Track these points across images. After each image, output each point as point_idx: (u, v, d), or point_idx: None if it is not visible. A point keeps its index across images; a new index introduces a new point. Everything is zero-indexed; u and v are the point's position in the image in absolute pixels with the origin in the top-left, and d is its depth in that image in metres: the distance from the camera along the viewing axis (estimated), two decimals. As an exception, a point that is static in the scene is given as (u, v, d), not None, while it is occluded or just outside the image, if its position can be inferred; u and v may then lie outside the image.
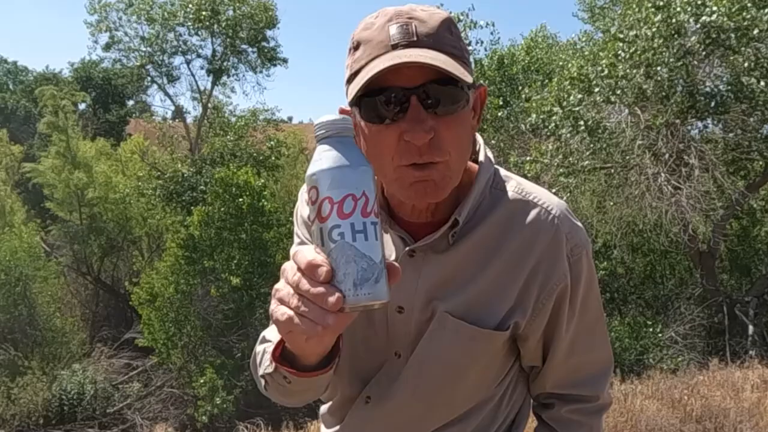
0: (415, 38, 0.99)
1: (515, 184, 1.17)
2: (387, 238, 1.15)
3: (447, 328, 1.13)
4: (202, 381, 13.30)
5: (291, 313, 0.82)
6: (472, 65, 1.13)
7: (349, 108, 1.06)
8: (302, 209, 1.29)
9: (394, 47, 0.98)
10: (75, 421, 13.98)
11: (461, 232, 1.12)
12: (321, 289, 0.79)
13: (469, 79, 1.00)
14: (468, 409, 1.23)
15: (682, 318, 12.16)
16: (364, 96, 1.00)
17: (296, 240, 1.34)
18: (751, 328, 11.84)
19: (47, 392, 14.07)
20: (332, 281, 0.80)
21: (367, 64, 0.99)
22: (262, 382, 1.13)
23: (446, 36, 1.01)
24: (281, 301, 0.84)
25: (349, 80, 1.03)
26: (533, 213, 1.13)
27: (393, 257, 1.15)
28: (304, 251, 0.81)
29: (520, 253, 1.12)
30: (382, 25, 1.00)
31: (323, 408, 1.36)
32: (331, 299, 0.78)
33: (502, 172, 1.19)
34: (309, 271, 0.80)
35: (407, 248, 1.14)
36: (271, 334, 1.15)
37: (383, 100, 0.98)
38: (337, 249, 0.79)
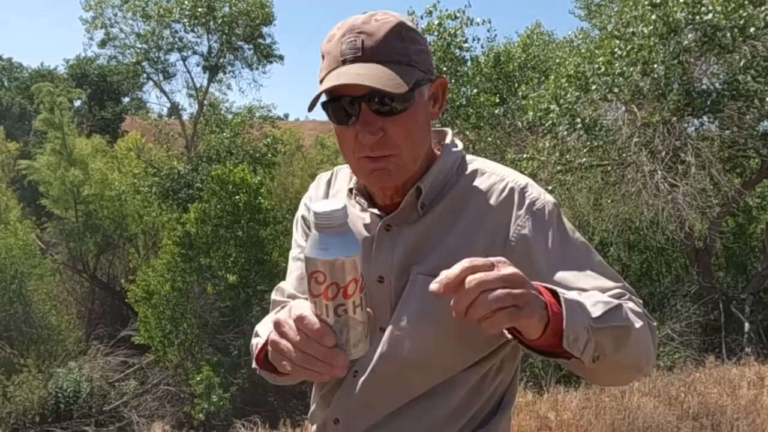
0: (360, 54, 1.15)
1: (479, 163, 1.31)
2: (366, 217, 1.30)
3: (418, 287, 1.22)
4: (198, 379, 13.29)
5: (297, 365, 0.99)
6: (431, 58, 1.24)
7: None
8: (302, 215, 1.44)
9: (343, 62, 1.15)
10: (71, 419, 13.96)
11: (430, 205, 1.25)
12: (330, 352, 0.96)
13: (402, 87, 1.12)
14: (448, 379, 1.25)
15: (678, 315, 12.17)
16: (329, 101, 1.17)
17: (295, 248, 1.43)
18: (747, 326, 11.86)
19: (43, 390, 14.04)
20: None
21: (327, 74, 1.16)
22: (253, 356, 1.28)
23: (394, 44, 1.16)
24: (282, 354, 1.00)
25: (320, 81, 1.19)
26: (492, 179, 1.27)
27: (370, 234, 1.28)
28: (307, 316, 0.96)
29: (481, 211, 1.24)
30: (338, 39, 1.17)
31: (314, 391, 1.41)
32: (340, 360, 0.96)
33: (469, 157, 1.33)
34: (317, 336, 0.96)
35: (382, 222, 1.27)
36: (264, 329, 1.26)
37: (341, 106, 1.16)
38: (341, 321, 0.96)
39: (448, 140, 1.32)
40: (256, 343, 1.26)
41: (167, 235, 15.35)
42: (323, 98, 1.18)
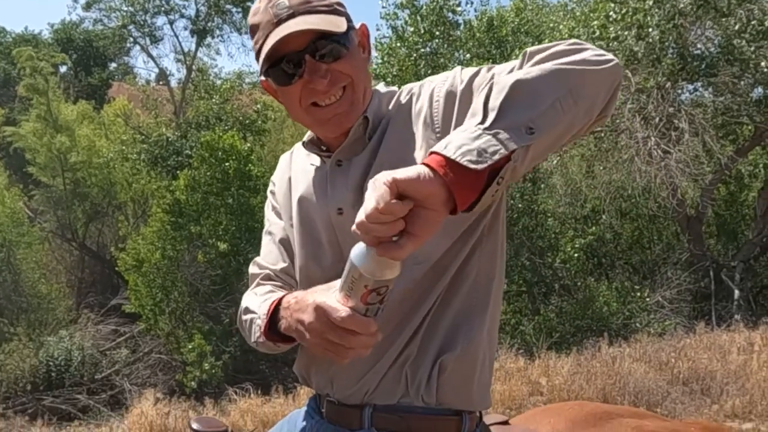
0: (291, 11, 1.22)
1: (405, 86, 1.37)
2: (318, 162, 1.37)
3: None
4: (190, 347, 13.28)
5: (330, 345, 1.09)
6: (346, 10, 1.31)
7: (264, 79, 1.30)
8: (271, 190, 1.52)
9: (278, 23, 1.22)
10: (63, 387, 13.97)
11: (371, 134, 1.30)
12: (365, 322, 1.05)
13: (342, 27, 1.22)
14: (431, 268, 1.24)
15: (669, 283, 12.22)
16: (270, 68, 1.25)
17: (267, 224, 1.50)
18: (737, 293, 11.92)
19: (34, 359, 14.03)
20: None
21: (264, 43, 1.23)
22: (253, 344, 1.35)
23: None
24: (314, 334, 1.12)
25: (257, 58, 1.28)
26: (408, 88, 1.34)
27: (323, 174, 1.34)
28: (346, 313, 1.05)
29: (408, 114, 1.29)
30: (266, 7, 1.24)
31: None
32: (373, 327, 1.06)
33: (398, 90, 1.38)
34: (362, 328, 1.05)
35: (332, 157, 1.32)
36: (254, 303, 1.34)
37: (284, 65, 1.23)
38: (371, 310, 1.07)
39: (375, 85, 1.39)
40: (250, 318, 1.34)
41: (157, 203, 15.21)
42: (262, 67, 1.26)
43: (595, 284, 12.56)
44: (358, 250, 1.01)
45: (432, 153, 0.98)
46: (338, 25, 1.23)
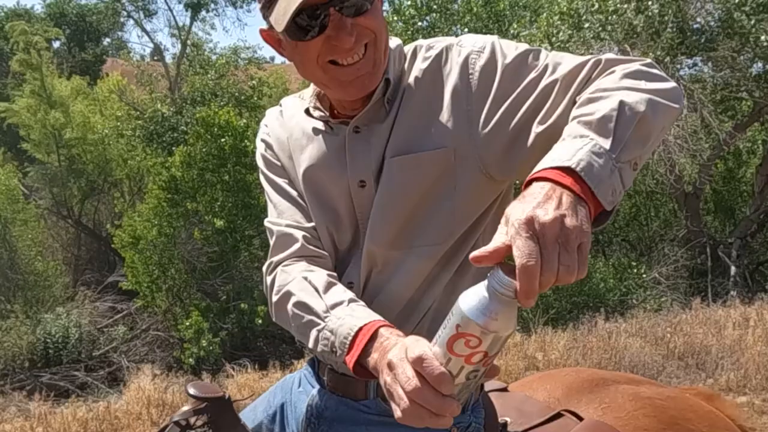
0: None
1: (415, 44, 1.29)
2: (328, 129, 1.26)
3: (388, 168, 1.20)
4: (187, 324, 13.29)
5: (406, 415, 0.91)
6: None
7: (266, 29, 1.20)
8: (261, 154, 1.39)
9: None
10: (61, 364, 14.00)
11: (392, 98, 1.22)
12: (444, 402, 0.88)
13: None
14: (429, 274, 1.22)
15: (665, 259, 12.25)
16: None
17: (276, 183, 1.35)
18: (733, 269, 11.96)
19: (31, 336, 14.03)
20: None
21: None
22: (290, 324, 1.23)
23: None
24: (392, 399, 0.94)
25: (265, 6, 1.16)
26: (431, 52, 1.24)
27: (338, 142, 1.25)
28: (429, 359, 0.89)
29: (433, 82, 1.21)
30: None
31: None
32: (453, 408, 0.89)
33: (406, 47, 1.30)
34: (436, 382, 0.88)
35: (350, 124, 1.23)
36: (313, 300, 1.18)
37: (307, 18, 1.11)
38: (466, 384, 0.90)
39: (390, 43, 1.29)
40: (310, 321, 1.17)
41: (153, 180, 15.12)
42: (283, 20, 1.11)
43: (593, 261, 12.58)
44: (484, 299, 0.86)
45: (568, 172, 0.90)
46: None
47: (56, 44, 26.05)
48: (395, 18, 12.47)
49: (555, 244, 0.82)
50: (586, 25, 9.55)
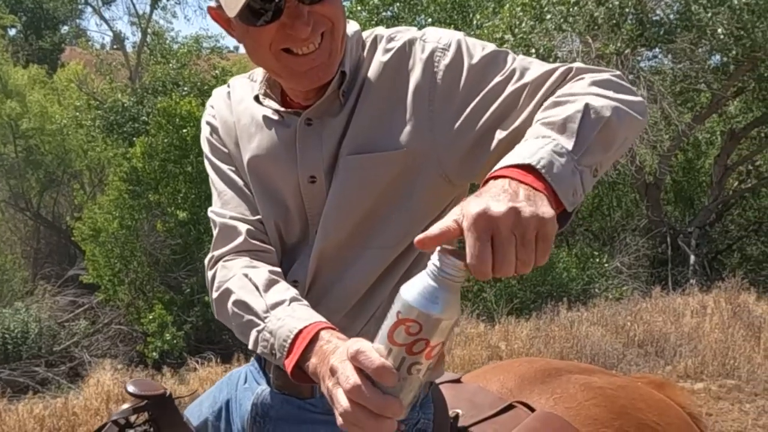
0: None
1: (376, 32, 1.23)
2: (279, 118, 1.20)
3: (343, 166, 1.15)
4: (150, 317, 13.13)
5: (347, 422, 0.87)
6: None
7: (215, 5, 1.13)
8: (206, 138, 1.33)
9: None
10: (20, 359, 13.70)
11: (348, 90, 1.17)
12: (385, 400, 0.84)
13: None
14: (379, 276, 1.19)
15: (627, 249, 12.44)
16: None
17: (220, 170, 1.30)
18: (692, 258, 12.21)
19: (-11, 331, 13.72)
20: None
21: None
22: (230, 323, 1.19)
23: None
24: (334, 406, 0.89)
25: None
26: (392, 43, 1.19)
27: (288, 134, 1.19)
28: (367, 351, 0.85)
29: (392, 76, 1.17)
30: None
31: None
32: (395, 408, 0.84)
33: (365, 33, 1.25)
34: (377, 374, 0.83)
35: (302, 116, 1.17)
36: (252, 299, 1.14)
37: (261, 1, 1.04)
38: (409, 380, 0.85)
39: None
40: (249, 321, 1.12)
41: (113, 171, 14.89)
42: (234, 8, 1.05)
43: (556, 250, 12.73)
44: (429, 287, 0.83)
45: (528, 169, 0.87)
46: None
47: (12, 32, 25.35)
48: (359, 8, 12.42)
49: (511, 237, 0.79)
50: (548, 16, 9.63)
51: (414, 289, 0.83)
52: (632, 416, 1.49)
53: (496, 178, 0.86)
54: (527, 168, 0.86)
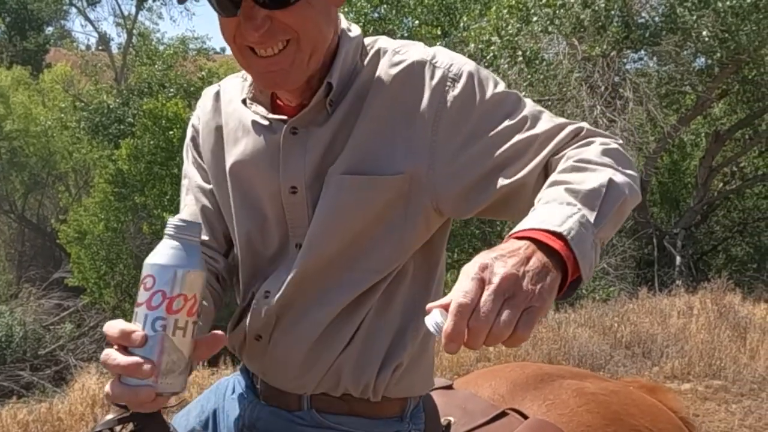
0: None
1: (381, 43, 1.18)
2: (266, 124, 1.16)
3: (333, 186, 1.12)
4: (136, 320, 13.07)
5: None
6: None
7: None
8: (192, 137, 1.32)
9: None
10: (5, 363, 13.55)
11: (338, 100, 1.13)
12: (131, 361, 0.88)
13: None
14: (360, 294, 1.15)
15: (614, 250, 12.48)
16: None
17: (184, 178, 1.34)
18: (678, 259, 12.28)
19: (-28, 335, 13.56)
20: None
21: None
22: None
23: None
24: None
25: None
26: (397, 57, 1.14)
27: (274, 141, 1.16)
28: (113, 323, 0.90)
29: (392, 96, 1.12)
30: None
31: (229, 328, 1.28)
32: (146, 367, 0.88)
33: (368, 39, 1.20)
34: (124, 336, 0.88)
35: (287, 125, 1.14)
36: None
37: None
38: (155, 338, 0.88)
39: (344, 25, 1.17)
40: None
41: (99, 173, 14.80)
42: None
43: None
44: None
45: (559, 237, 0.86)
46: None
47: (-4, 33, 25.15)
48: (346, 9, 12.39)
49: (500, 296, 0.78)
50: (535, 18, 9.65)
51: (152, 251, 0.90)
52: (625, 422, 1.48)
53: (520, 238, 0.86)
54: (557, 235, 0.86)
